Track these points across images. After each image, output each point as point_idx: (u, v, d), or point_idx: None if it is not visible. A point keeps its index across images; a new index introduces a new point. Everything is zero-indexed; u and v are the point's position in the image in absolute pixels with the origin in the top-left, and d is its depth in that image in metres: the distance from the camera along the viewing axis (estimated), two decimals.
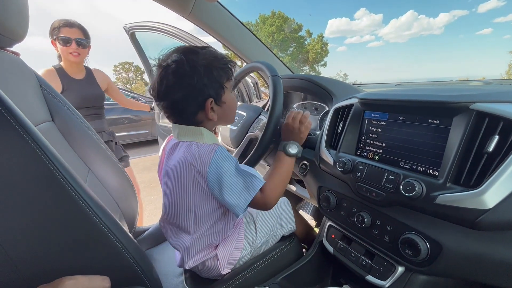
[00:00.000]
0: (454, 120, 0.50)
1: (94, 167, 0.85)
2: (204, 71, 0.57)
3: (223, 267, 0.68)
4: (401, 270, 0.56)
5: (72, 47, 1.30)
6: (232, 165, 0.58)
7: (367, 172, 0.62)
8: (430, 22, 73.51)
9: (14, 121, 0.39)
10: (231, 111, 0.67)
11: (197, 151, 0.57)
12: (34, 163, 0.40)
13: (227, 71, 0.62)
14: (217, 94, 0.60)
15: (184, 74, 0.57)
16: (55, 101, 0.79)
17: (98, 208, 0.45)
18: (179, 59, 0.57)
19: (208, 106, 0.59)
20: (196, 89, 0.58)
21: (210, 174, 0.56)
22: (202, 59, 0.58)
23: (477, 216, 0.44)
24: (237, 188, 0.57)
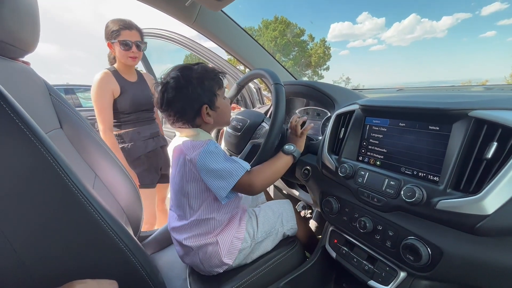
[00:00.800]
0: (453, 127, 0.51)
1: (101, 173, 0.87)
2: (197, 83, 0.68)
3: (223, 254, 0.71)
4: (403, 275, 0.57)
5: (132, 50, 1.25)
6: (220, 153, 0.67)
7: (368, 177, 0.63)
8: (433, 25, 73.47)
9: (26, 128, 0.41)
10: (225, 114, 0.76)
11: (191, 143, 0.68)
12: (45, 170, 0.42)
13: (217, 81, 0.72)
14: (210, 101, 0.70)
15: (181, 87, 0.67)
16: (64, 108, 0.81)
17: (105, 213, 0.47)
18: (176, 75, 0.68)
19: (203, 111, 0.69)
20: (192, 98, 0.68)
21: (200, 160, 0.64)
22: (195, 73, 0.69)
23: (477, 221, 0.44)
24: (222, 173, 0.65)
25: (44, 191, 0.42)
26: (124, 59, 1.27)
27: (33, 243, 0.42)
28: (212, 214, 0.71)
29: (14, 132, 0.40)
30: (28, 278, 0.41)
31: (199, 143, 0.67)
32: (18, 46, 0.59)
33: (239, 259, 0.74)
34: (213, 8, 1.03)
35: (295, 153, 0.76)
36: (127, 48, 1.24)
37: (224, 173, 0.65)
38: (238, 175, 0.65)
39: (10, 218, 0.40)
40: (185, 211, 0.71)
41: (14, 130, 0.40)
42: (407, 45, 76.39)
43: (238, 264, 0.75)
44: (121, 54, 1.25)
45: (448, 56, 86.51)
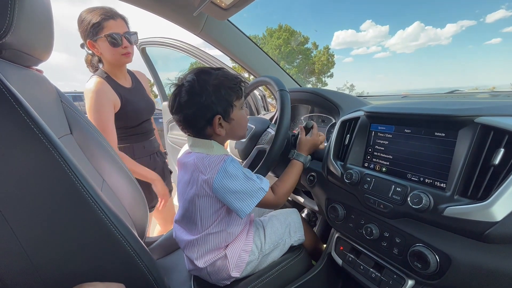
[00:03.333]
0: (459, 133, 0.51)
1: (108, 178, 0.88)
2: (213, 90, 0.63)
3: (231, 268, 0.70)
4: (411, 283, 0.56)
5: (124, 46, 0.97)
6: (239, 172, 0.63)
7: (374, 184, 0.63)
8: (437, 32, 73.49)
9: (40, 133, 0.43)
10: (240, 127, 0.71)
11: (208, 160, 0.63)
12: (57, 174, 0.43)
13: (236, 90, 0.67)
14: (225, 111, 0.65)
15: (195, 93, 0.63)
16: (74, 115, 0.84)
17: (114, 217, 0.47)
18: (192, 79, 0.64)
19: (215, 122, 0.65)
20: (205, 106, 0.63)
21: (217, 181, 0.61)
22: (214, 79, 0.64)
23: (485, 228, 0.44)
24: (242, 194, 0.62)
25: (56, 194, 0.43)
26: (116, 58, 0.99)
27: (44, 246, 0.43)
28: (223, 226, 0.69)
29: (29, 137, 0.42)
30: (39, 280, 0.42)
31: (215, 160, 0.63)
32: (33, 55, 0.62)
33: (247, 271, 0.73)
34: (220, 18, 1.06)
35: (307, 163, 0.79)
36: (116, 43, 0.95)
37: (244, 196, 0.63)
38: (259, 196, 0.64)
39: (23, 221, 0.41)
40: (196, 225, 0.69)
41: (29, 135, 0.42)
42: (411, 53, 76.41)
43: (245, 276, 0.74)
44: (111, 52, 0.97)
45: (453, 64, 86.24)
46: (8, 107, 0.41)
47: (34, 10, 0.55)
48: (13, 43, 0.51)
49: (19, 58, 0.59)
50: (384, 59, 77.92)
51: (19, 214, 0.41)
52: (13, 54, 0.56)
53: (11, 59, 0.57)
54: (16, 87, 0.44)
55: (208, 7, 0.98)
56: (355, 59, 75.09)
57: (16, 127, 0.41)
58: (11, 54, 0.55)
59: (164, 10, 1.10)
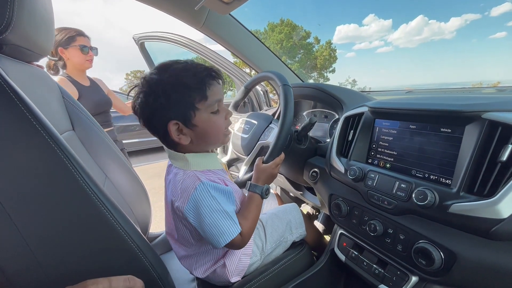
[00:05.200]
0: (466, 129, 0.51)
1: (111, 174, 0.88)
2: (162, 91, 0.52)
3: (231, 274, 0.68)
4: (414, 279, 0.56)
5: (90, 54, 1.39)
6: (210, 206, 0.54)
7: (378, 180, 0.62)
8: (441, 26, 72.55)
9: (42, 129, 0.42)
10: (210, 134, 0.59)
11: (180, 185, 0.56)
12: (60, 170, 0.43)
13: (199, 88, 0.54)
14: (183, 117, 0.54)
15: (146, 93, 0.54)
16: (76, 111, 0.83)
17: (117, 213, 0.47)
18: (147, 77, 0.55)
19: (170, 129, 0.54)
20: (156, 110, 0.54)
21: (187, 211, 0.54)
22: (168, 76, 0.54)
23: (492, 225, 0.43)
24: (212, 231, 0.54)
25: (59, 191, 0.43)
26: (82, 63, 1.37)
27: (48, 242, 0.43)
28: None
29: (31, 134, 0.41)
30: (44, 277, 0.42)
31: (187, 185, 0.55)
32: (33, 50, 0.61)
33: (249, 271, 0.72)
34: (222, 12, 1.05)
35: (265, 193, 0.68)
36: (85, 52, 1.36)
37: (214, 231, 0.54)
38: (227, 238, 0.55)
39: (27, 217, 0.41)
40: (190, 243, 0.65)
41: (31, 131, 0.41)
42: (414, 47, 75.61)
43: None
44: (80, 58, 1.35)
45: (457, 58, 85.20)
46: (9, 103, 0.41)
47: (35, 5, 0.54)
48: (13, 38, 0.50)
49: (20, 53, 0.59)
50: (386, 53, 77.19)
51: (22, 211, 0.41)
52: (13, 49, 0.55)
53: (11, 54, 0.57)
54: (17, 82, 0.44)
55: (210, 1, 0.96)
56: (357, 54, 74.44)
57: (17, 123, 0.41)
58: (11, 49, 0.55)
59: (165, 4, 1.09)
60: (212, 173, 0.60)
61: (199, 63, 0.57)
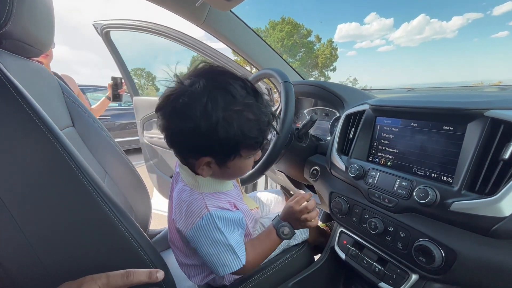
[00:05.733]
0: (468, 127, 0.50)
1: (110, 170, 0.88)
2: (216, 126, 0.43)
3: (229, 281, 0.68)
4: (415, 277, 0.56)
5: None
6: (214, 237, 0.50)
7: (379, 178, 0.62)
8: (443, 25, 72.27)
9: (42, 125, 0.42)
10: (234, 175, 0.55)
11: (186, 206, 0.51)
12: (60, 166, 0.42)
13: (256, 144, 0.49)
14: (222, 158, 0.49)
15: (191, 108, 0.43)
16: (76, 107, 0.83)
17: (118, 210, 0.47)
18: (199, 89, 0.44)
19: (200, 161, 0.49)
20: (195, 136, 0.45)
21: (189, 237, 0.51)
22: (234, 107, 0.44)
23: (493, 224, 0.43)
24: (213, 260, 0.51)
25: (59, 187, 0.43)
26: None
27: (49, 238, 0.42)
28: None
29: (31, 129, 0.41)
30: (45, 273, 0.42)
31: (194, 210, 0.51)
32: (34, 46, 0.61)
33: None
34: (223, 8, 1.04)
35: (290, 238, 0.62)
36: None
37: (215, 261, 0.51)
38: (231, 268, 0.52)
39: (27, 213, 0.41)
40: (191, 253, 0.63)
41: (32, 126, 0.41)
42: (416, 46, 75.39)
43: None
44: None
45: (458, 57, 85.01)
46: (9, 98, 0.40)
47: (35, 0, 0.54)
48: (13, 33, 0.50)
49: (20, 48, 0.58)
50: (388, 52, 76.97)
51: (23, 207, 0.41)
52: (13, 44, 0.55)
53: (11, 49, 0.57)
54: (17, 78, 0.43)
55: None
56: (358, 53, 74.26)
57: (17, 118, 0.41)
58: (11, 44, 0.55)
59: (166, 0, 1.08)
60: (223, 195, 0.56)
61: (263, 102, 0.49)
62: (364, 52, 75.90)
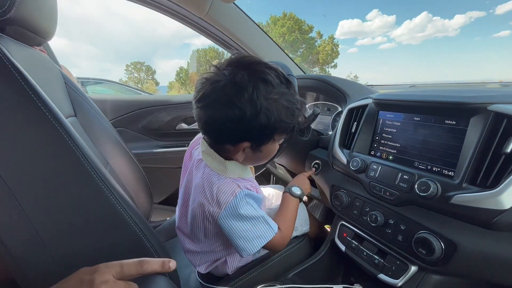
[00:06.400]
0: (471, 121, 0.51)
1: (112, 161, 0.88)
2: (262, 115, 0.47)
3: (231, 270, 0.69)
4: (414, 269, 0.56)
5: None
6: (250, 211, 0.54)
7: (381, 171, 0.62)
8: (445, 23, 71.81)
9: (50, 114, 0.42)
10: (264, 158, 0.59)
11: (216, 189, 0.53)
12: (66, 153, 0.43)
13: (289, 127, 0.53)
14: (258, 142, 0.52)
15: (234, 97, 0.46)
16: (78, 98, 0.83)
17: (121, 198, 0.48)
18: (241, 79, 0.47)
19: (239, 148, 0.52)
20: (236, 123, 0.48)
21: (222, 218, 0.53)
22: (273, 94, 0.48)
23: (493, 216, 0.44)
24: (248, 235, 0.54)
25: (63, 173, 0.43)
26: None
27: (53, 223, 0.43)
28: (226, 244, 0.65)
29: (37, 117, 0.41)
30: (49, 257, 0.42)
31: (225, 191, 0.53)
32: (37, 34, 0.60)
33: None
34: (227, 0, 1.03)
35: (303, 197, 0.71)
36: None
37: (250, 236, 0.54)
38: (266, 238, 0.56)
39: (32, 198, 0.41)
40: (200, 241, 0.64)
41: (38, 114, 0.41)
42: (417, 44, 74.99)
43: None
44: None
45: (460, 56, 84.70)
46: (15, 85, 0.40)
47: None
48: (17, 20, 0.49)
49: (23, 36, 0.58)
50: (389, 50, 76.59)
51: (29, 194, 0.41)
52: (16, 31, 0.55)
53: (15, 37, 0.56)
54: (20, 64, 0.43)
55: None
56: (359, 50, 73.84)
57: (23, 105, 0.41)
58: (14, 31, 0.54)
59: None
60: (245, 180, 0.59)
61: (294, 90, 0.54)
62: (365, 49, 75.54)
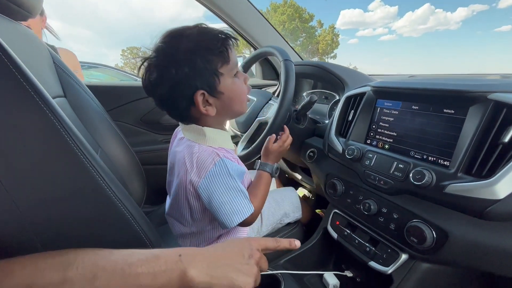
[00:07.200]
0: (470, 110, 0.50)
1: (104, 145, 0.86)
2: (185, 59, 0.49)
3: None
4: (404, 257, 0.57)
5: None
6: (227, 183, 0.53)
7: (376, 160, 0.62)
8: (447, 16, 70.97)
9: (33, 91, 0.40)
10: (235, 101, 0.56)
11: (196, 158, 0.54)
12: (53, 135, 0.41)
13: (221, 53, 0.51)
14: (209, 85, 0.51)
15: (163, 66, 0.50)
16: (68, 78, 0.80)
17: (111, 181, 0.46)
18: (159, 48, 0.50)
19: (197, 100, 0.51)
20: (179, 82, 0.50)
21: (202, 187, 0.53)
22: (186, 42, 0.49)
23: (486, 206, 0.43)
24: (226, 208, 0.53)
25: (51, 155, 0.41)
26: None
27: (40, 207, 0.41)
28: (214, 224, 0.64)
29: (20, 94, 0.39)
30: (37, 242, 0.41)
31: (205, 159, 0.53)
32: (22, 7, 0.57)
33: None
34: None
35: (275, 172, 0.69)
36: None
37: (228, 210, 0.53)
38: (244, 215, 0.54)
39: (18, 181, 0.40)
40: (187, 221, 0.64)
41: (21, 91, 0.39)
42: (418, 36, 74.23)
43: None
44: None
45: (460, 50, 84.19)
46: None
47: None
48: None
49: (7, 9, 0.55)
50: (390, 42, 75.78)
51: (11, 173, 0.40)
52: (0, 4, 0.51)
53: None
54: (3, 39, 0.40)
55: None
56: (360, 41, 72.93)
57: (6, 83, 0.39)
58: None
59: None
60: (226, 151, 0.58)
61: (211, 26, 0.54)
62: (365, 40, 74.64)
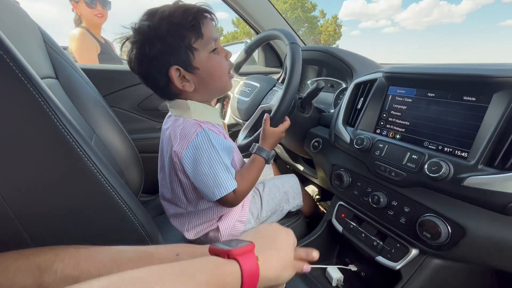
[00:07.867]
0: (494, 97, 0.46)
1: (99, 131, 0.82)
2: (156, 36, 0.50)
3: (224, 237, 0.67)
4: (415, 252, 0.54)
5: (97, 9, 1.35)
6: (210, 154, 0.53)
7: (387, 150, 0.58)
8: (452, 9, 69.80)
9: (18, 69, 0.35)
10: (214, 76, 0.56)
11: (180, 130, 0.55)
12: (42, 120, 0.36)
13: (193, 27, 0.51)
14: (183, 60, 0.52)
15: (140, 44, 0.51)
16: (60, 58, 0.75)
17: (106, 169, 0.42)
18: (138, 26, 0.52)
19: (173, 76, 0.52)
20: (153, 59, 0.51)
21: (185, 158, 0.54)
22: (159, 19, 0.50)
23: (510, 200, 0.40)
24: (208, 181, 0.54)
25: (40, 143, 0.37)
26: (91, 17, 1.34)
27: (28, 199, 0.38)
28: (211, 203, 0.62)
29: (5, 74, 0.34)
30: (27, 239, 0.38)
31: (188, 130, 0.54)
32: None
33: None
34: None
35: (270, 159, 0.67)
36: (92, 6, 1.32)
37: (210, 183, 0.53)
38: (223, 191, 0.54)
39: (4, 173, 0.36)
40: (182, 201, 0.63)
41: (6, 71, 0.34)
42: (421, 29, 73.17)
43: None
44: (87, 12, 1.33)
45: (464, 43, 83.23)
46: None
47: None
48: None
49: None
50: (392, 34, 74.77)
51: None
52: None
53: None
54: None
55: None
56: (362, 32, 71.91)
57: None
58: None
59: None
60: (212, 126, 0.58)
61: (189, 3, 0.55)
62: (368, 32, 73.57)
